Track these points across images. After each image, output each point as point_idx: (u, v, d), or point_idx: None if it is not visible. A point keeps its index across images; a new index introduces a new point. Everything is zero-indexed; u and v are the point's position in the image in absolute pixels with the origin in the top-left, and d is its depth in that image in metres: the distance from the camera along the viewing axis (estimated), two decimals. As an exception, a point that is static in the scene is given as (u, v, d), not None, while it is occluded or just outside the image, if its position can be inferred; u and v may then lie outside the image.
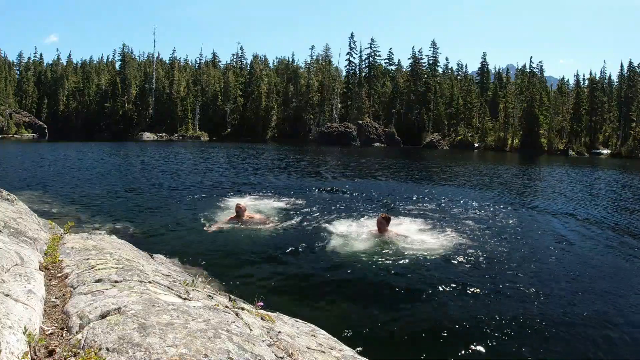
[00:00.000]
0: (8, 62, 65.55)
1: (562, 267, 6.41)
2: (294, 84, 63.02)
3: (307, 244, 7.00)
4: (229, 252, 6.50)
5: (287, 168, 21.69)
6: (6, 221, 3.40)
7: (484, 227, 8.60)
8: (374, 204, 10.77)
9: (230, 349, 1.62)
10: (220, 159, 26.47)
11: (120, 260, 2.98)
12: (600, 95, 53.99)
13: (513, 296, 5.13)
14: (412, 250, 6.59)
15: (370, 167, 24.90)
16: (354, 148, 46.49)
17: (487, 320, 4.45)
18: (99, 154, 28.14)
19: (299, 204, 10.55)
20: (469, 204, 11.15)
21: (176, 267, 4.36)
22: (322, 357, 2.09)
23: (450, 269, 5.93)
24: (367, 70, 63.50)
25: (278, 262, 6.09)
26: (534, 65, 58.42)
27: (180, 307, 1.99)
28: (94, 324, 1.72)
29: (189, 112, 61.06)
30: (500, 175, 21.53)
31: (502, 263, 6.32)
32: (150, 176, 16.59)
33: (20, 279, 2.08)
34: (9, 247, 2.55)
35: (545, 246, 7.57)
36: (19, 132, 54.65)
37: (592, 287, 5.66)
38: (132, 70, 67.37)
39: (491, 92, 59.83)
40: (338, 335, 2.75)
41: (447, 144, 53.21)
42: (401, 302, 4.87)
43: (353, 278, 5.59)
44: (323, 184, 14.82)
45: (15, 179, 14.92)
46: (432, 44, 63.89)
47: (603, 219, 10.39)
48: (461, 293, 5.14)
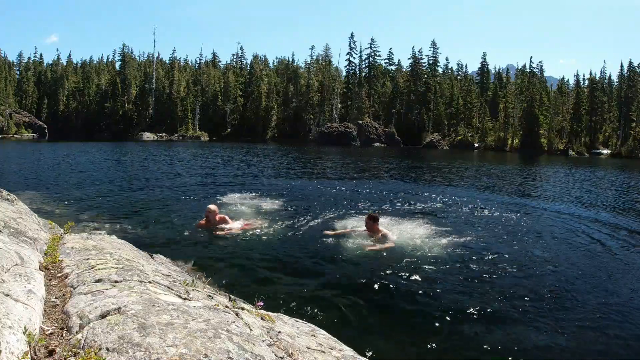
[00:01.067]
0: (8, 62, 65.56)
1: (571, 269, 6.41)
2: (294, 84, 63.02)
3: (307, 243, 7.00)
4: (229, 252, 6.50)
5: (287, 168, 21.68)
6: (6, 221, 3.40)
7: (484, 227, 8.60)
8: (371, 204, 10.77)
9: (230, 349, 1.62)
10: (220, 159, 26.48)
11: (120, 260, 2.98)
12: (600, 95, 53.98)
13: (514, 296, 5.13)
14: (406, 250, 6.59)
15: (370, 167, 24.90)
16: (354, 148, 46.50)
17: (488, 321, 4.45)
18: (99, 154, 28.14)
19: (299, 204, 10.56)
20: (469, 204, 11.14)
21: (176, 267, 4.36)
22: (322, 357, 2.09)
23: (446, 268, 5.93)
24: (367, 70, 63.51)
25: (278, 263, 6.08)
26: (534, 65, 58.50)
27: (180, 307, 1.99)
28: (94, 323, 1.72)
29: (189, 112, 61.07)
30: (503, 175, 21.52)
31: (503, 263, 6.32)
32: (150, 176, 16.59)
33: (20, 279, 2.08)
34: (9, 247, 2.55)
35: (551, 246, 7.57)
36: (19, 132, 54.64)
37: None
38: (132, 70, 67.37)
39: (491, 92, 59.84)
40: (338, 335, 2.75)
41: (447, 144, 53.22)
42: (401, 302, 4.87)
43: (353, 277, 5.58)
44: (323, 184, 14.82)
45: (15, 179, 14.92)
46: (432, 44, 63.97)
47: (617, 220, 10.33)
48: (460, 292, 5.14)
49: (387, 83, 64.97)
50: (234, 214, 9.04)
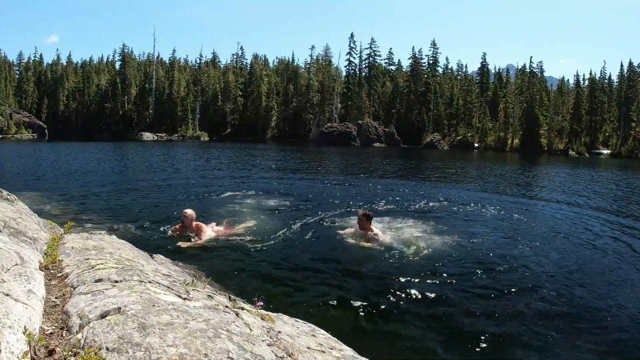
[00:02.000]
0: (8, 62, 65.60)
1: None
2: (294, 84, 63.03)
3: (307, 243, 7.00)
4: (229, 252, 6.50)
5: (287, 168, 21.68)
6: (6, 221, 3.40)
7: (484, 227, 8.60)
8: (370, 204, 10.76)
9: (230, 349, 1.62)
10: (220, 159, 26.47)
11: (120, 260, 2.97)
12: (600, 95, 54.00)
13: (515, 296, 5.13)
14: (404, 251, 6.59)
15: (369, 167, 24.90)
16: (354, 148, 46.49)
17: (488, 321, 4.45)
18: (98, 154, 28.14)
19: (299, 203, 10.56)
20: (469, 205, 11.14)
21: (176, 267, 4.36)
22: (322, 356, 2.08)
23: (446, 268, 5.93)
24: (367, 70, 63.55)
25: (278, 263, 6.08)
26: (534, 65, 58.58)
27: (180, 306, 1.99)
28: (94, 323, 1.72)
29: (189, 112, 61.08)
30: (503, 175, 21.52)
31: (503, 263, 6.32)
32: (150, 176, 16.58)
33: (20, 279, 2.08)
34: (9, 247, 2.54)
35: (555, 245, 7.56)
36: (19, 132, 54.66)
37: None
38: (132, 70, 67.38)
39: (491, 92, 59.86)
40: (338, 335, 2.74)
41: (447, 144, 53.24)
42: (400, 302, 4.86)
43: (353, 277, 5.58)
44: (322, 184, 14.82)
45: (15, 179, 14.92)
46: (432, 44, 64.01)
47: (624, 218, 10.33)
48: (460, 292, 5.14)
49: (387, 83, 64.99)
50: (233, 213, 9.05)
